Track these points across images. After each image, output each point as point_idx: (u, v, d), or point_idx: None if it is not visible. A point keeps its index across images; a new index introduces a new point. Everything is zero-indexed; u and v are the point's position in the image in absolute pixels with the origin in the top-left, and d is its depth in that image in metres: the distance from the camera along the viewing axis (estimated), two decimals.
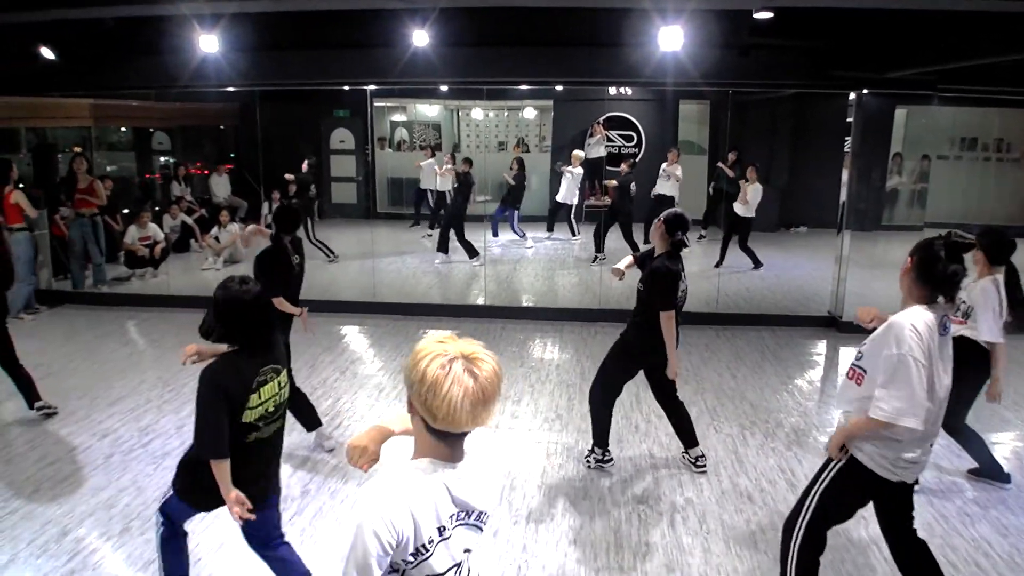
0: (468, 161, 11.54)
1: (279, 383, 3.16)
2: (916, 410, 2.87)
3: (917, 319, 2.96)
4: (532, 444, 5.57)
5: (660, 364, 4.87)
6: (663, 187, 11.79)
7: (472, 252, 11.11)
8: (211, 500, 3.14)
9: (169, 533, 3.33)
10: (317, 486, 4.89)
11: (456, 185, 11.55)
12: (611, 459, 5.18)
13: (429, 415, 1.80)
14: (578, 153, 12.63)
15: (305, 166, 12.19)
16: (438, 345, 1.86)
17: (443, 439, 1.86)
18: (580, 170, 12.40)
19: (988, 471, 4.95)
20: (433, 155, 14.05)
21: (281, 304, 5.07)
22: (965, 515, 4.56)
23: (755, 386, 6.81)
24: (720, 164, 11.88)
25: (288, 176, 11.86)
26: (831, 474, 3.20)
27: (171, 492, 3.30)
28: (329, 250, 11.59)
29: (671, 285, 4.66)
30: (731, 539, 4.29)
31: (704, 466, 5.11)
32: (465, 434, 1.88)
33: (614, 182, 11.35)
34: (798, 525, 3.27)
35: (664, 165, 11.82)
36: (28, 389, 5.85)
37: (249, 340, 3.08)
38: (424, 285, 10.63)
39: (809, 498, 3.26)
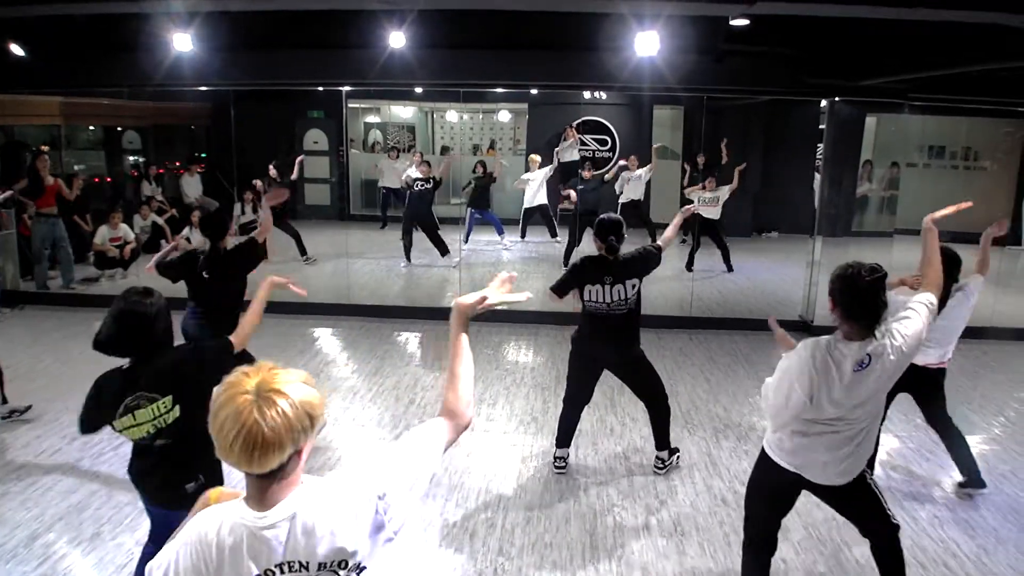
0: (427, 163, 11.51)
1: (157, 410, 3.08)
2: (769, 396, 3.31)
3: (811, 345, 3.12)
4: (507, 447, 5.57)
5: (619, 363, 5.00)
6: (631, 193, 11.80)
7: (444, 250, 11.12)
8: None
9: None
10: None
11: (415, 187, 11.40)
12: (563, 466, 5.19)
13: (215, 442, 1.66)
14: (535, 157, 12.59)
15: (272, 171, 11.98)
16: (241, 375, 1.70)
17: (248, 477, 1.70)
18: (537, 173, 12.35)
19: (968, 475, 4.90)
20: (398, 157, 14.01)
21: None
22: (934, 517, 4.63)
23: (728, 390, 6.86)
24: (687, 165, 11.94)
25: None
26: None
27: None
28: (303, 249, 11.53)
29: (567, 280, 4.91)
30: (705, 541, 4.32)
31: (660, 468, 5.14)
32: (268, 476, 1.68)
33: (572, 191, 11.29)
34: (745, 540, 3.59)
35: (624, 173, 11.82)
36: None
37: (144, 356, 3.12)
38: (398, 287, 10.60)
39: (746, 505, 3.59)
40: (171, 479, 3.17)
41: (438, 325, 8.72)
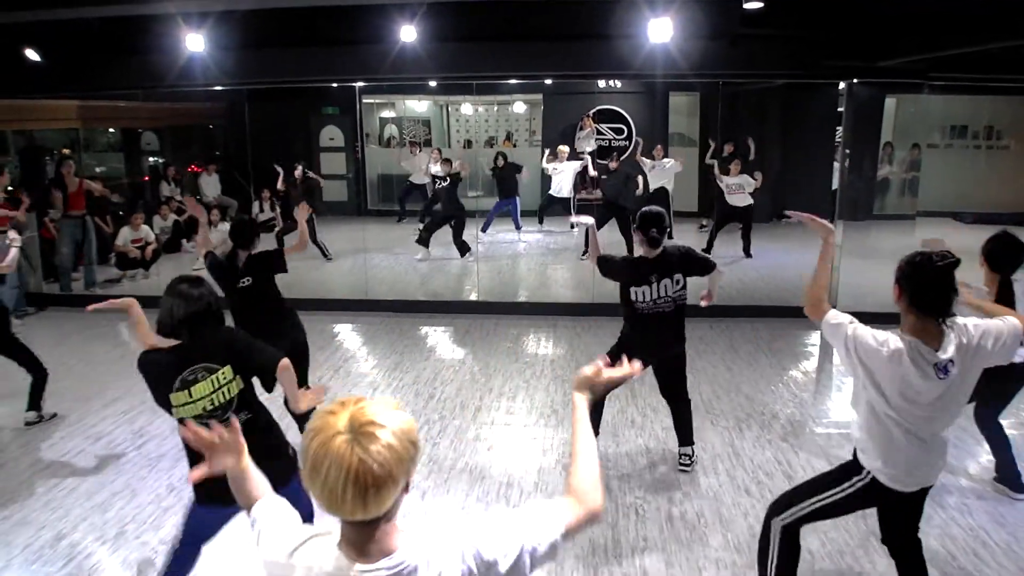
0: (448, 161, 11.52)
1: (220, 383, 3.13)
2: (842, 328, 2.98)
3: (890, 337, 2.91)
4: (528, 440, 5.55)
5: (664, 359, 4.90)
6: (658, 181, 11.76)
7: (465, 249, 11.12)
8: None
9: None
10: None
11: (436, 185, 11.45)
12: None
13: (315, 501, 1.53)
14: (563, 148, 12.60)
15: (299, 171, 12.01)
16: (326, 415, 1.54)
17: (346, 525, 1.59)
18: (567, 166, 12.37)
19: (1005, 475, 4.74)
20: (420, 151, 14.04)
21: None
22: (963, 505, 4.56)
23: (750, 378, 6.81)
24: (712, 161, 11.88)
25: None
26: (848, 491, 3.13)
27: None
28: (326, 250, 11.56)
29: (615, 266, 4.83)
30: (729, 532, 4.28)
31: (687, 465, 5.04)
32: (381, 518, 1.57)
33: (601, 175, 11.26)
34: (782, 518, 3.25)
35: (651, 162, 11.78)
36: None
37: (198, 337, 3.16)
38: (416, 282, 10.61)
39: (809, 501, 3.21)
40: (272, 450, 3.16)
41: (457, 318, 8.71)
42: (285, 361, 3.28)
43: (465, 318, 8.74)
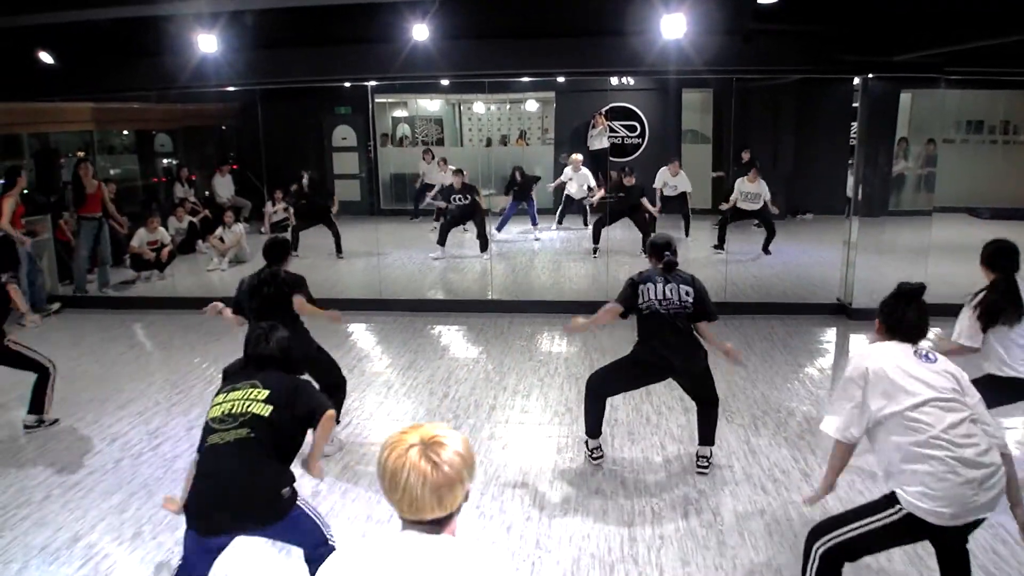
0: (461, 172, 11.56)
1: (250, 397, 3.27)
2: (840, 420, 3.12)
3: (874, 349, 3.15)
4: (543, 438, 5.53)
5: (685, 371, 4.87)
6: (677, 191, 11.82)
7: (486, 245, 11.19)
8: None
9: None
10: (328, 486, 4.86)
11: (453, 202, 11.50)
12: (600, 456, 5.12)
13: (395, 509, 1.83)
14: (576, 156, 12.69)
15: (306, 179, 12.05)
16: (398, 435, 1.86)
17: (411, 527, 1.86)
18: (580, 177, 12.54)
19: None
20: (433, 158, 14.13)
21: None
22: None
23: (765, 375, 6.77)
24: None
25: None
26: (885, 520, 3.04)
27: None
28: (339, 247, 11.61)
29: (627, 284, 4.83)
30: (745, 530, 4.26)
31: (705, 467, 4.98)
32: (441, 521, 1.84)
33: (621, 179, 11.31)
34: (821, 543, 3.16)
35: (669, 176, 11.79)
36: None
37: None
38: (430, 281, 10.61)
39: (850, 527, 3.10)
40: (262, 481, 3.16)
41: (471, 318, 8.71)
42: (331, 412, 3.43)
43: (479, 317, 8.73)
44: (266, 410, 3.23)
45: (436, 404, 6.21)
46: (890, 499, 2.99)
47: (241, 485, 3.12)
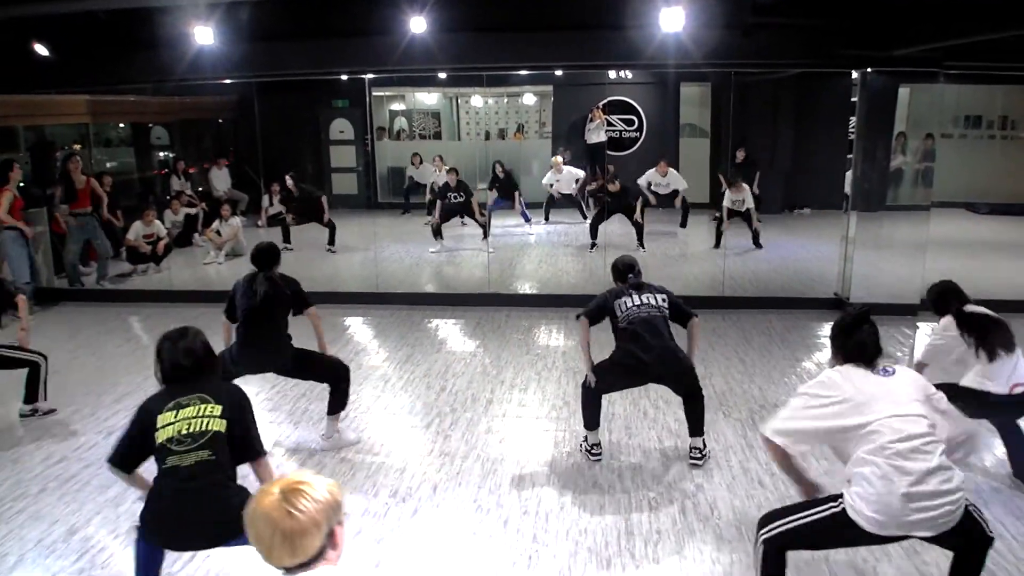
0: (455, 171, 11.58)
1: (205, 413, 3.17)
2: (785, 425, 3.17)
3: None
4: (540, 432, 5.53)
5: (668, 375, 4.90)
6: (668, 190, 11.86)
7: (486, 233, 11.27)
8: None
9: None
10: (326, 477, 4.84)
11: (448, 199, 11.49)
12: (599, 453, 5.10)
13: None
14: (557, 159, 12.76)
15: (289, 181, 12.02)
16: (266, 488, 1.91)
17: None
18: (564, 176, 12.59)
19: (1020, 470, 4.70)
20: (421, 163, 14.15)
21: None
22: (979, 498, 4.50)
23: (763, 370, 6.76)
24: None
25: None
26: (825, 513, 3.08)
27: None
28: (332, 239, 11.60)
29: (597, 302, 4.94)
30: (743, 525, 4.25)
31: (699, 459, 4.98)
32: (306, 564, 1.86)
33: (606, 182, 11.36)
34: (768, 531, 3.18)
35: (657, 176, 11.79)
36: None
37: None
38: (427, 274, 10.60)
39: (795, 517, 3.14)
40: (224, 506, 3.05)
41: (468, 311, 8.70)
42: (265, 460, 3.33)
43: (476, 310, 8.72)
44: (223, 425, 3.17)
45: (433, 398, 6.20)
46: (835, 496, 3.05)
47: (204, 511, 3.10)
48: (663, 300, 4.82)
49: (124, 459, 3.29)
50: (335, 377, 5.30)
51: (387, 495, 4.66)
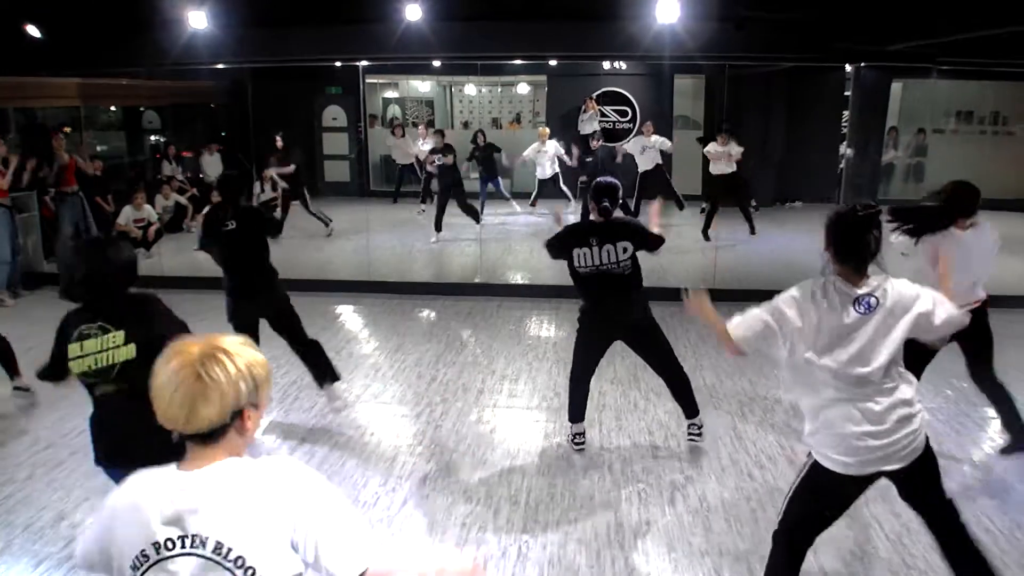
0: (440, 132, 11.56)
1: (108, 345, 3.01)
2: (745, 322, 3.11)
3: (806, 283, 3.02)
4: (531, 423, 5.54)
5: (631, 327, 4.89)
6: (644, 162, 11.83)
7: (477, 218, 11.24)
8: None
9: None
10: (316, 466, 4.84)
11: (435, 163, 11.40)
12: (582, 443, 5.11)
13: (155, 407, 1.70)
14: (543, 129, 12.68)
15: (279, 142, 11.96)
16: (188, 342, 1.73)
17: (187, 442, 1.74)
18: (549, 145, 12.48)
19: (1012, 432, 4.75)
20: (404, 135, 13.95)
21: None
22: (966, 491, 4.53)
23: (753, 363, 6.77)
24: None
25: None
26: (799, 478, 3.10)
27: None
28: (326, 219, 11.56)
29: (556, 241, 4.87)
30: (732, 516, 4.27)
31: (697, 435, 5.05)
32: (204, 437, 1.69)
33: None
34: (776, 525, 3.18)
35: (644, 139, 11.80)
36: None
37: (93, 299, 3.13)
38: (419, 263, 10.58)
39: (786, 500, 3.15)
40: (131, 431, 2.80)
41: (460, 301, 8.69)
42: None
43: (468, 300, 8.71)
44: (131, 351, 3.01)
45: (424, 387, 6.20)
46: (808, 455, 3.07)
47: (133, 436, 2.83)
48: (624, 251, 4.68)
49: (52, 374, 3.32)
50: (304, 344, 5.48)
51: (377, 484, 4.66)
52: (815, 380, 2.93)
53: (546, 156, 12.46)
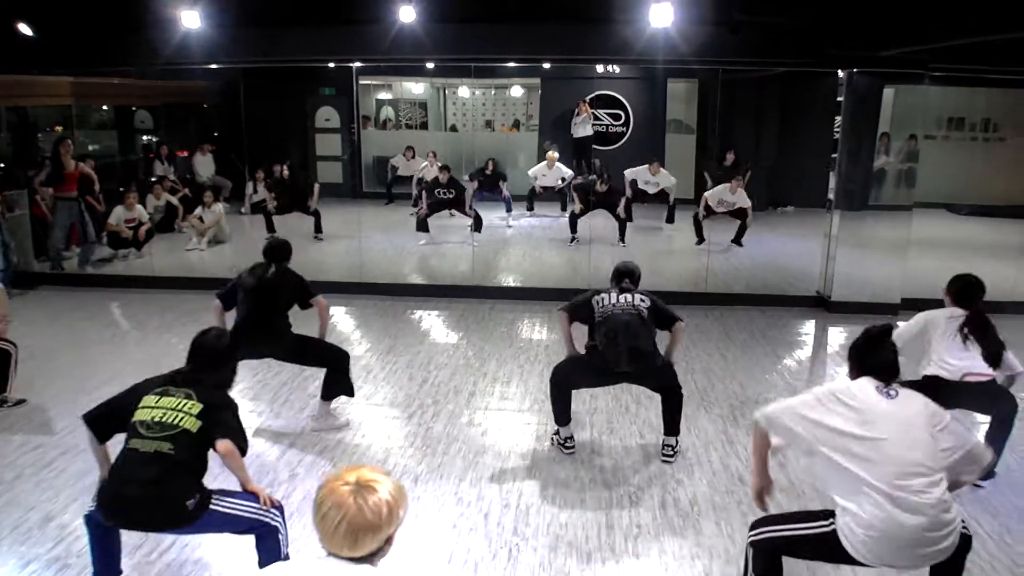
0: (447, 168, 11.54)
1: (183, 409, 3.23)
2: (780, 416, 3.07)
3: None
4: (522, 425, 5.54)
5: (640, 375, 4.89)
6: (646, 187, 11.90)
7: (478, 226, 11.21)
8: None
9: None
10: (305, 469, 4.85)
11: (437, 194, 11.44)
12: (572, 446, 5.10)
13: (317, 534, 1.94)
14: (552, 154, 12.69)
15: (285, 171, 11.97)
16: (341, 473, 2.01)
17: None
18: (553, 174, 12.58)
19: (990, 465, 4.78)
20: (413, 156, 13.99)
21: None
22: (955, 494, 4.53)
23: (745, 367, 6.80)
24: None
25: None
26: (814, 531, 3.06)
27: None
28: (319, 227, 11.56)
29: (580, 298, 4.93)
30: (722, 520, 4.28)
31: (670, 456, 4.99)
32: (366, 559, 1.95)
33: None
34: (756, 533, 3.19)
35: (647, 174, 11.82)
36: None
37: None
38: (411, 265, 10.57)
39: (786, 527, 3.15)
40: (169, 493, 3.17)
41: (452, 303, 8.68)
42: (230, 447, 3.27)
43: (460, 302, 8.71)
44: (195, 425, 3.22)
45: (416, 389, 6.19)
46: (828, 513, 3.02)
47: (146, 497, 3.16)
48: (642, 302, 4.76)
49: (98, 419, 3.39)
50: (334, 358, 5.42)
51: None
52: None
53: (550, 180, 12.55)
